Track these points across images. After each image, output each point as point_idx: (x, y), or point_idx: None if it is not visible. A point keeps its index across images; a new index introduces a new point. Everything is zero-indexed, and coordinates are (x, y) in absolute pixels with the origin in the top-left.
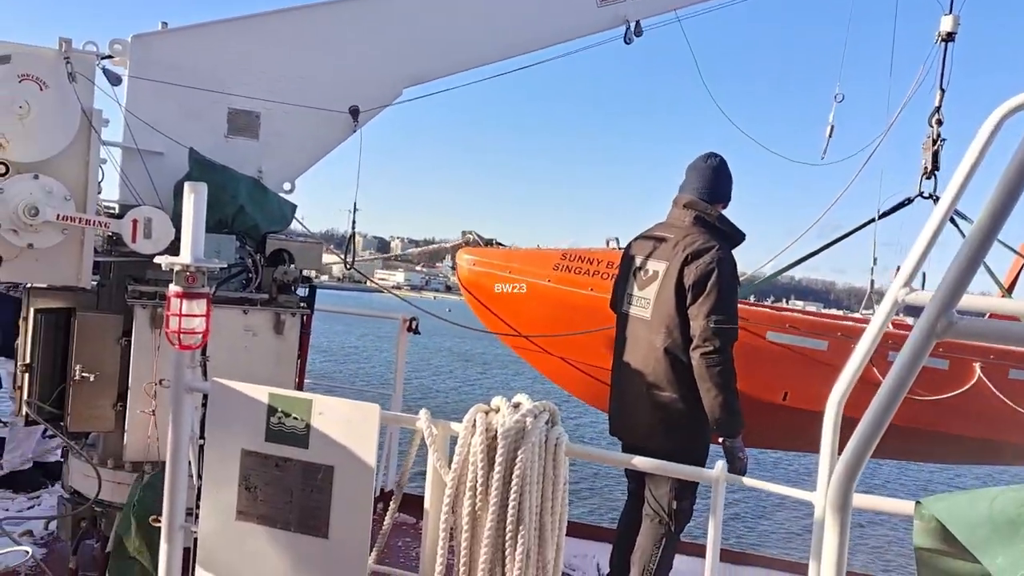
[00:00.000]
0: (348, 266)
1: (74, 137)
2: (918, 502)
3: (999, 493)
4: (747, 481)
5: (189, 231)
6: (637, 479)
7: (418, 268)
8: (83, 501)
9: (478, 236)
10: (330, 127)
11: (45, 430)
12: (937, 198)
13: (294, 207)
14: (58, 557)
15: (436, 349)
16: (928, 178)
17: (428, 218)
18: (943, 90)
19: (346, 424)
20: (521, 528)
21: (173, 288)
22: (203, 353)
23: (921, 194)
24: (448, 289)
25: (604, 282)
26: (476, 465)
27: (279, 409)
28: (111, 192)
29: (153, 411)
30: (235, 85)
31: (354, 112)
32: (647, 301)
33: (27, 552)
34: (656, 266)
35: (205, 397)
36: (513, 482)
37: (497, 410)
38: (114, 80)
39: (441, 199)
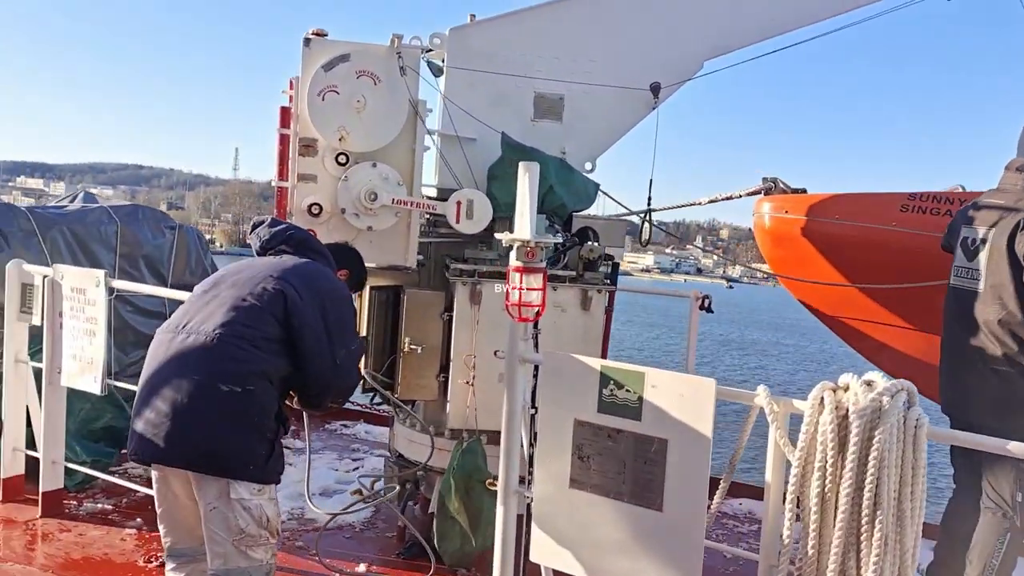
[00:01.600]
0: (642, 244)
1: (403, 127)
2: None
3: None
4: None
5: (526, 208)
6: (967, 468)
7: (667, 251)
8: (407, 464)
9: (784, 183)
10: (631, 105)
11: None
12: None
13: (597, 186)
14: (385, 516)
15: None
16: None
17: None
18: None
19: (679, 398)
20: (879, 513)
21: (513, 262)
22: (535, 326)
23: None
24: (699, 272)
25: None
26: (826, 445)
27: (612, 381)
28: (427, 177)
29: (470, 381)
30: (541, 69)
31: (655, 89)
32: (977, 272)
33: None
34: (986, 235)
35: (536, 368)
36: (870, 464)
37: (846, 388)
38: (436, 71)
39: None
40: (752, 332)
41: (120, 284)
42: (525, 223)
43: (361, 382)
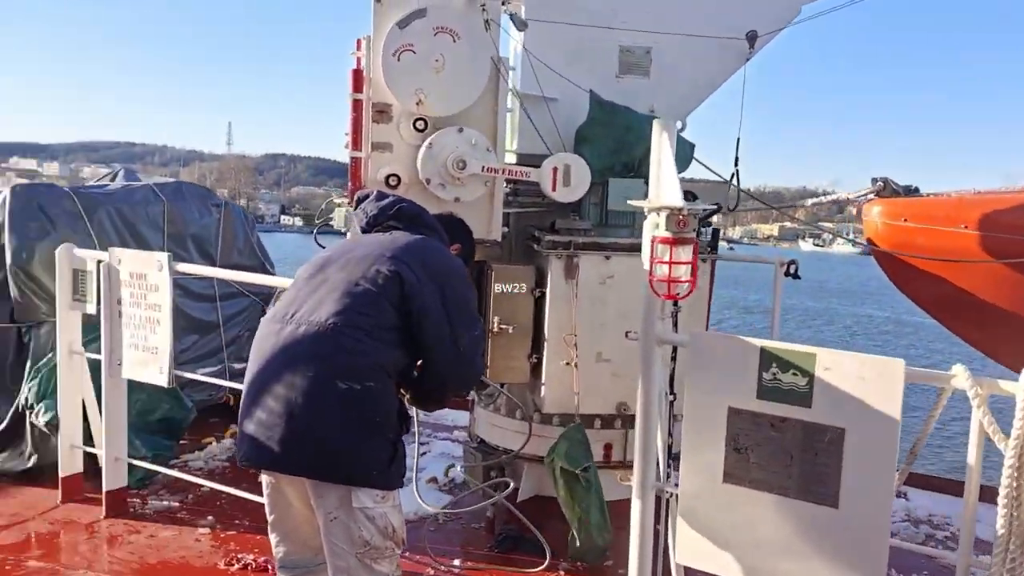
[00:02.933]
0: (729, 210)
1: (484, 87)
2: None
3: None
4: None
5: (670, 171)
6: None
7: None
8: (489, 450)
9: (894, 183)
10: (723, 57)
11: None
12: None
13: (692, 146)
14: (466, 505)
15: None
16: None
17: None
18: None
19: (859, 381)
20: None
21: (661, 233)
22: (675, 304)
23: None
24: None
25: None
26: None
27: (774, 364)
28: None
29: (572, 363)
30: (625, 20)
31: (751, 38)
32: None
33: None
34: None
35: (675, 350)
36: None
37: None
38: (520, 25)
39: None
40: (804, 300)
41: (185, 267)
42: (672, 188)
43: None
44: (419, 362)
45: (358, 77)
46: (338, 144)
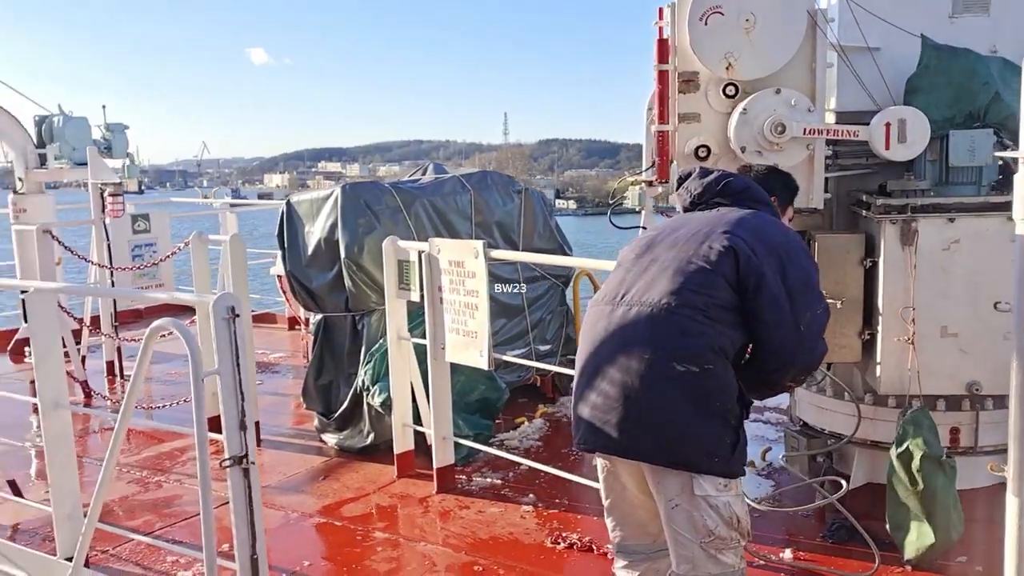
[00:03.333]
0: None
1: (800, 43)
2: None
3: None
4: None
5: None
6: None
7: None
8: (814, 434)
9: None
10: None
11: None
12: None
13: None
14: (790, 492)
15: None
16: None
17: None
18: None
19: None
20: None
21: None
22: None
23: None
24: None
25: None
26: None
27: None
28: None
29: (911, 339)
30: None
31: None
32: None
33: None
34: None
35: None
36: None
37: None
38: None
39: None
40: None
41: (498, 254)
42: None
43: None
44: (749, 345)
45: (663, 47)
46: (608, 124)
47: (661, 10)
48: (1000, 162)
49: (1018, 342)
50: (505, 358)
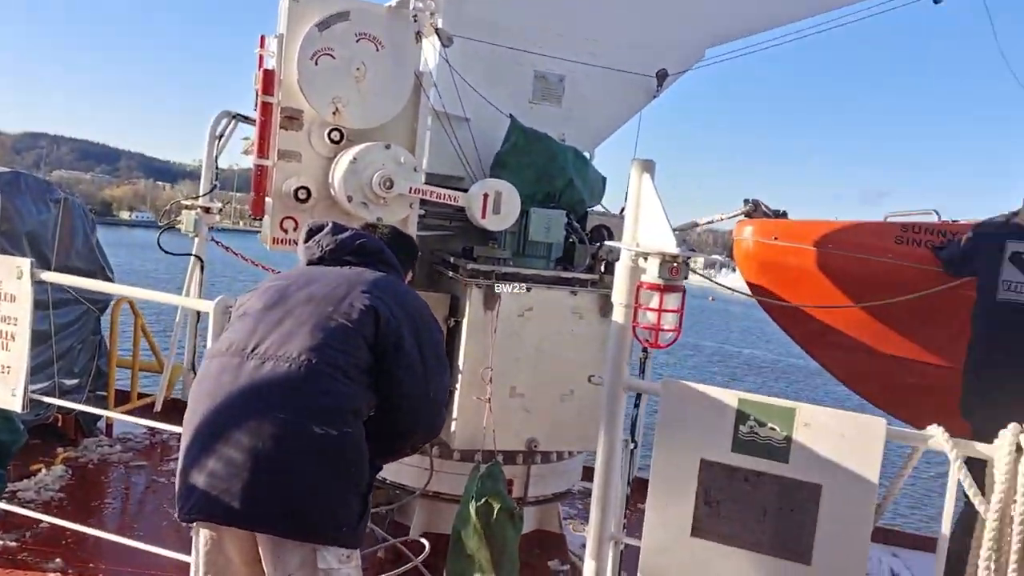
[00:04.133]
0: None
1: (406, 102)
2: None
3: None
4: None
5: (659, 215)
6: None
7: None
8: (379, 486)
9: (765, 206)
10: (633, 92)
11: None
12: None
13: (604, 179)
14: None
15: None
16: None
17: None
18: None
19: (839, 438)
20: None
21: (651, 279)
22: (644, 350)
23: None
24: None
25: None
26: None
27: (751, 416)
28: None
29: (487, 399)
30: (542, 46)
31: (661, 76)
32: None
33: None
34: None
35: (637, 396)
36: None
37: None
38: (446, 41)
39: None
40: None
41: (51, 277)
42: (665, 232)
43: None
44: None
45: (269, 78)
46: (108, 127)
47: (263, 38)
48: (568, 241)
49: (606, 412)
50: (42, 398)
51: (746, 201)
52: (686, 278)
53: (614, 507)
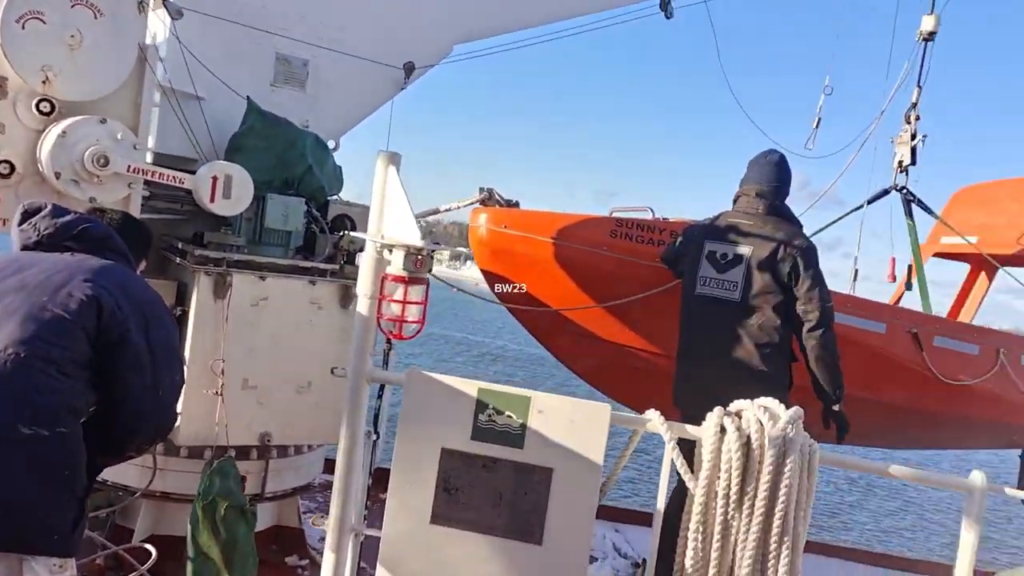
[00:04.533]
0: None
1: (128, 75)
2: None
3: None
4: (1010, 492)
5: (404, 207)
6: None
7: None
8: (98, 487)
9: (499, 195)
10: (379, 82)
11: None
12: (908, 192)
13: (341, 169)
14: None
15: None
16: (903, 172)
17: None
18: (920, 87)
19: (569, 424)
20: (786, 540)
21: (396, 271)
22: (388, 341)
23: (895, 187)
24: None
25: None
26: (731, 473)
27: (490, 405)
28: None
29: (219, 392)
30: (284, 27)
31: (408, 68)
32: (733, 284)
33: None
34: (738, 251)
35: (381, 387)
36: (780, 494)
37: (739, 414)
38: (175, 14)
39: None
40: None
41: None
42: (411, 225)
43: None
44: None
45: None
46: None
47: None
48: (306, 230)
49: (349, 403)
50: None
51: (481, 189)
52: (430, 271)
53: (355, 499)
